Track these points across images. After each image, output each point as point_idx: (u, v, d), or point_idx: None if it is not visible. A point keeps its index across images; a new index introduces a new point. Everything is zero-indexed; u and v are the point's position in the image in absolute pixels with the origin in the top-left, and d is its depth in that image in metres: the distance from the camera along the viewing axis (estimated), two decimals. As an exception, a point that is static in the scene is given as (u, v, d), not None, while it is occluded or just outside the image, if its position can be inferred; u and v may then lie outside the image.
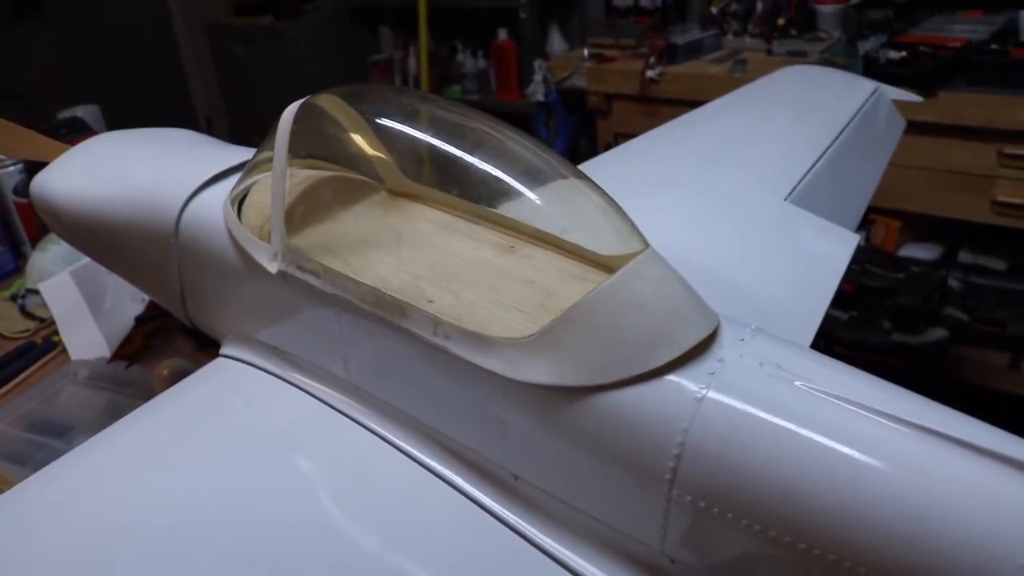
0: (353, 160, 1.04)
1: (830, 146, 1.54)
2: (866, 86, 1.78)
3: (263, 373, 1.01)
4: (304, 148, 1.00)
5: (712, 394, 0.69)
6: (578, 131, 3.86)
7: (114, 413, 1.36)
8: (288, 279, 0.94)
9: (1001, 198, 2.69)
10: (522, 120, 3.69)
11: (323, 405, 0.95)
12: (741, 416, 0.68)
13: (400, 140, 1.01)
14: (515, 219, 0.92)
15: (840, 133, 1.58)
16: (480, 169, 0.91)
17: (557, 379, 0.74)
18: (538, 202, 0.88)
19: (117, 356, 1.62)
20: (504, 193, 0.91)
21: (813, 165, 1.47)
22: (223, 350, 1.08)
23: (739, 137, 1.59)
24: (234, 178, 1.07)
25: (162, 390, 1.02)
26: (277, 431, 0.94)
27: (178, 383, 1.02)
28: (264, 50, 4.63)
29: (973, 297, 2.94)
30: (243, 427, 0.95)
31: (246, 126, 4.64)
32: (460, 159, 0.92)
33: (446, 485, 0.85)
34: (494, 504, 0.82)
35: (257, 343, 1.04)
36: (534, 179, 0.88)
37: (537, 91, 3.68)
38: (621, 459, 0.72)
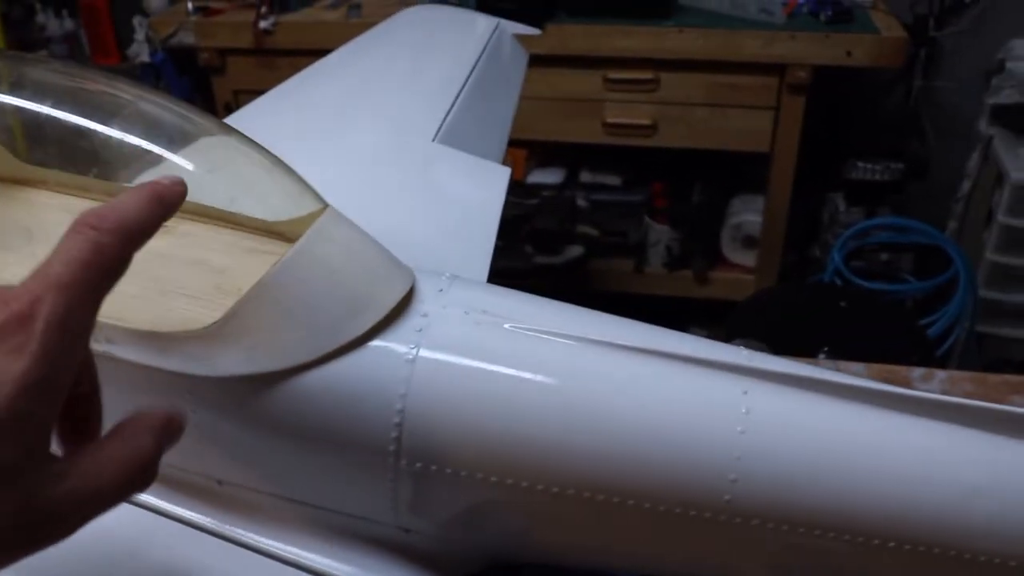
0: None
1: (464, 84, 1.54)
2: (487, 22, 1.82)
3: None
4: None
5: (424, 352, 0.66)
6: (192, 92, 3.58)
7: None
8: None
9: (610, 119, 2.94)
10: (128, 85, 3.33)
11: None
12: (458, 369, 0.65)
13: (4, 116, 0.84)
14: None
15: (471, 71, 1.60)
16: (109, 140, 0.78)
17: (251, 367, 0.66)
18: (187, 170, 0.77)
19: None
20: (143, 164, 0.79)
21: (452, 105, 1.46)
22: None
23: (370, 86, 1.53)
24: None
25: None
26: None
27: None
28: None
29: (599, 212, 3.21)
30: None
31: None
32: (82, 131, 0.78)
33: (138, 509, 0.73)
34: (199, 517, 0.73)
35: None
36: (176, 143, 0.76)
37: (141, 51, 3.34)
38: (337, 441, 0.67)
